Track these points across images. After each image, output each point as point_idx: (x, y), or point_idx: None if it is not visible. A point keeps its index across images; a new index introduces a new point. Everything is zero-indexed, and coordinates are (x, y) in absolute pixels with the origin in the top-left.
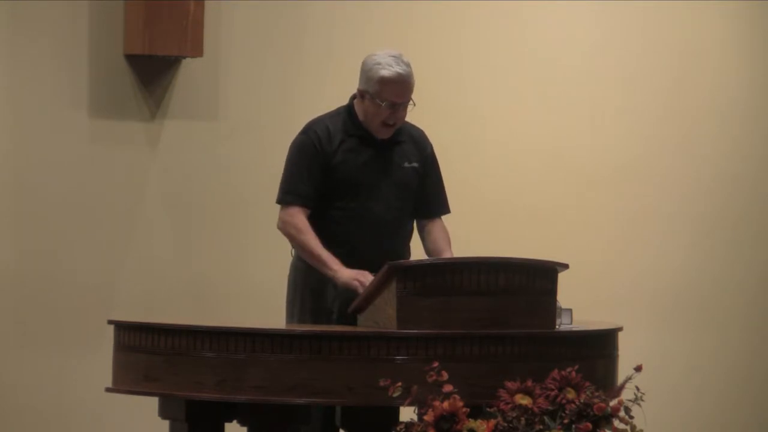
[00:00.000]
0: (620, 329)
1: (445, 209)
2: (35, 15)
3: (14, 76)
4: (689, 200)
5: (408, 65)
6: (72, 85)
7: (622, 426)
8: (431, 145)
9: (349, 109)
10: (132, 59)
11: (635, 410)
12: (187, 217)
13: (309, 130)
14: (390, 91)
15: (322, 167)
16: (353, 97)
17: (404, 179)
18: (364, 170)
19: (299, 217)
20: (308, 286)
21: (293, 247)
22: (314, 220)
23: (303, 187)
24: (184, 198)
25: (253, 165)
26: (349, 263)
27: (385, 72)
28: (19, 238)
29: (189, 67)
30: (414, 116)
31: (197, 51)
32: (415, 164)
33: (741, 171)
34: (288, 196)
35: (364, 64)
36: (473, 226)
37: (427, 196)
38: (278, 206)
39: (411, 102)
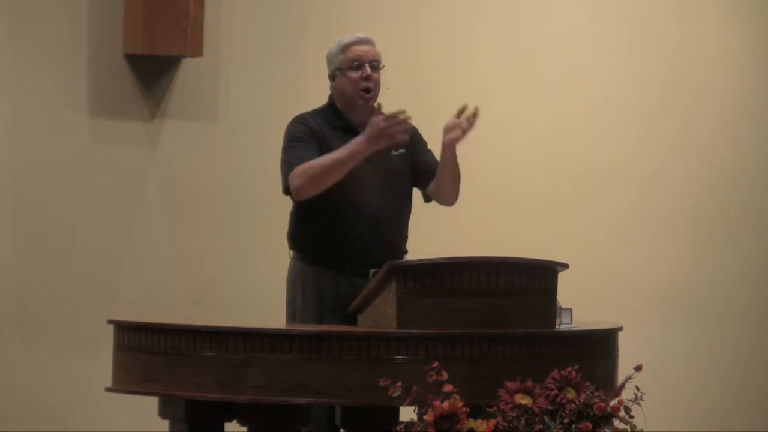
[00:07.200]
0: (620, 329)
1: None
2: (35, 15)
3: (14, 76)
4: (688, 199)
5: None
6: (72, 85)
7: (622, 426)
8: (415, 127)
9: (329, 104)
10: (132, 59)
11: (635, 410)
12: (187, 217)
13: (299, 118)
14: (354, 51)
15: (319, 143)
16: (331, 96)
17: (392, 167)
18: None
19: (303, 164)
20: (308, 285)
21: (320, 183)
22: (308, 215)
23: (307, 153)
24: (184, 198)
25: (253, 165)
26: (346, 253)
27: (345, 39)
28: (19, 237)
29: (189, 67)
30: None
31: (197, 51)
32: (402, 151)
33: (738, 169)
34: (294, 165)
35: (327, 55)
36: (472, 226)
37: (426, 165)
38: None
39: (381, 65)
